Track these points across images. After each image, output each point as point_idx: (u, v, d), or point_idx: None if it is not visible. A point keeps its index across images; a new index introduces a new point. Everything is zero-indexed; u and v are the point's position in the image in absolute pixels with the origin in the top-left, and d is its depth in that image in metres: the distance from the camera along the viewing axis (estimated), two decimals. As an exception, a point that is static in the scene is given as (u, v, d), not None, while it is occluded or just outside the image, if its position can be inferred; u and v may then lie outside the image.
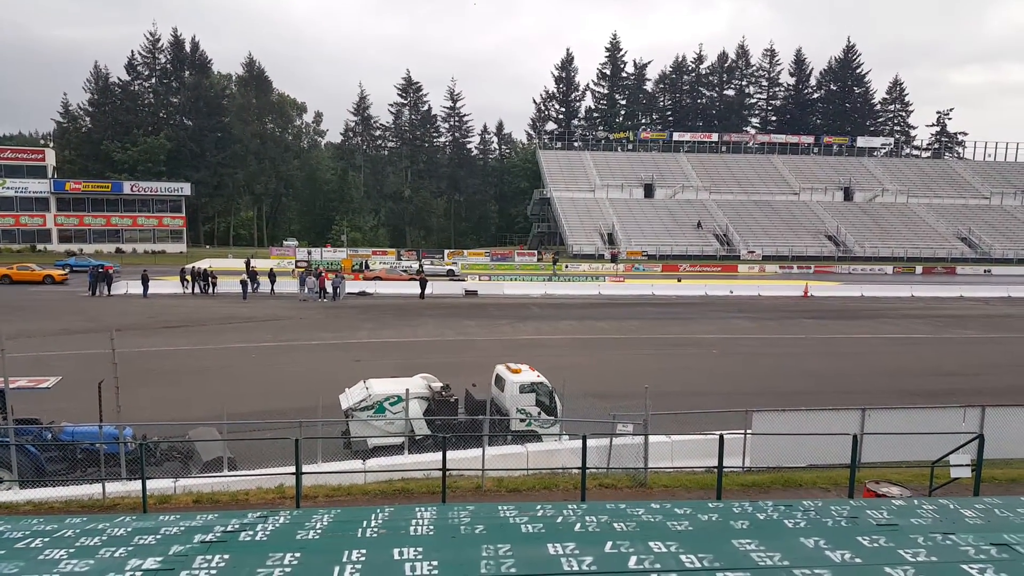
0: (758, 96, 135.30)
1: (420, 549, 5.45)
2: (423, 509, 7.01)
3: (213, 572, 5.08)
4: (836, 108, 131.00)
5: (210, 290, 47.30)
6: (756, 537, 5.71)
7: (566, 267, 74.99)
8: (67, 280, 50.00)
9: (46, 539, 6.04)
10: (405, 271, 60.91)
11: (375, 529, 6.32)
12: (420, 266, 66.33)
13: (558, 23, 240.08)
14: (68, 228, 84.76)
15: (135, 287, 45.89)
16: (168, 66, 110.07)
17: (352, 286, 49.78)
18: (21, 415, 14.56)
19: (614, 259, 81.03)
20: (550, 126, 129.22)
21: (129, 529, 6.40)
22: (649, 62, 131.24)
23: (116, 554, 5.58)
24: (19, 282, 49.47)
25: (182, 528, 6.37)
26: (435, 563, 5.21)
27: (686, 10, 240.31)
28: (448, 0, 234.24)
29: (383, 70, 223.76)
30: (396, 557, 5.34)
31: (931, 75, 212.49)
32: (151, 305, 41.39)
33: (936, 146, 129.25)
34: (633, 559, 5.27)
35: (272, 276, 49.12)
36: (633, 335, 34.62)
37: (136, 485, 12.37)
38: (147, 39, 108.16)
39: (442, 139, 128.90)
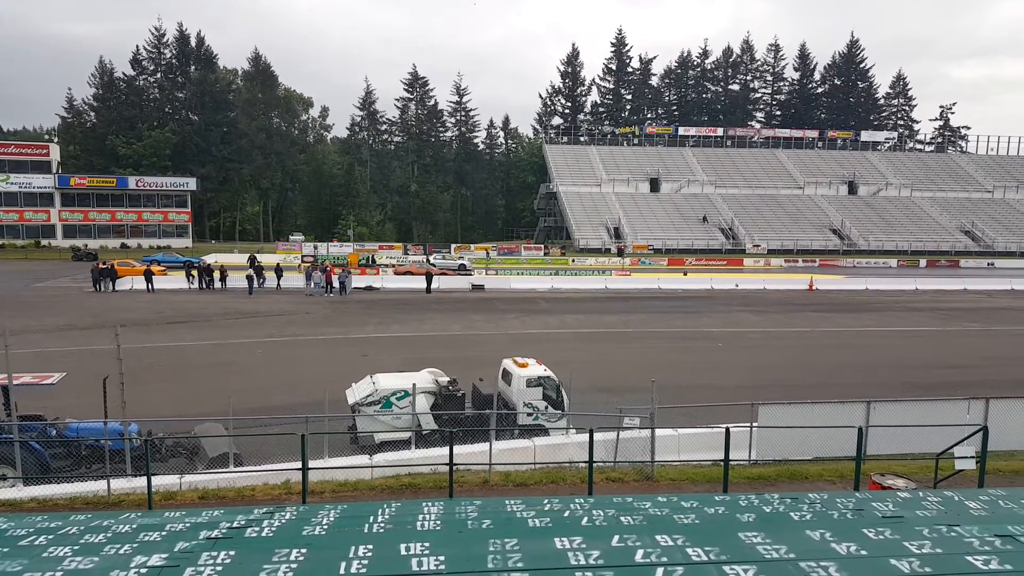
0: (763, 91, 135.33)
1: (427, 544, 5.44)
2: (430, 504, 7.00)
3: (219, 568, 5.07)
4: (840, 102, 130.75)
5: (216, 285, 47.36)
6: (762, 530, 5.69)
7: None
8: (165, 273, 51.00)
9: (50, 536, 6.03)
10: (433, 265, 60.61)
11: (382, 524, 6.30)
12: (428, 259, 65.53)
13: (562, 18, 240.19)
14: (73, 223, 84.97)
15: (139, 282, 46.06)
16: (174, 61, 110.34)
17: (359, 281, 49.78)
18: (25, 411, 14.52)
19: (620, 253, 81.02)
20: (556, 121, 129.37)
21: (134, 526, 6.38)
22: (654, 57, 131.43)
23: (121, 551, 5.57)
24: (120, 276, 49.39)
25: (187, 524, 6.36)
26: (442, 558, 5.20)
27: (690, 5, 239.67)
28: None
29: (389, 65, 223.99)
30: (403, 552, 5.33)
31: (931, 70, 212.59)
32: (156, 300, 41.49)
33: (939, 140, 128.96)
34: (640, 552, 5.26)
35: (279, 271, 49.08)
36: (639, 329, 34.59)
37: (141, 482, 12.40)
38: (152, 34, 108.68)
39: (448, 134, 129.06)
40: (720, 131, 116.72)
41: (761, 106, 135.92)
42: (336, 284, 46.27)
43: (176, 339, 29.37)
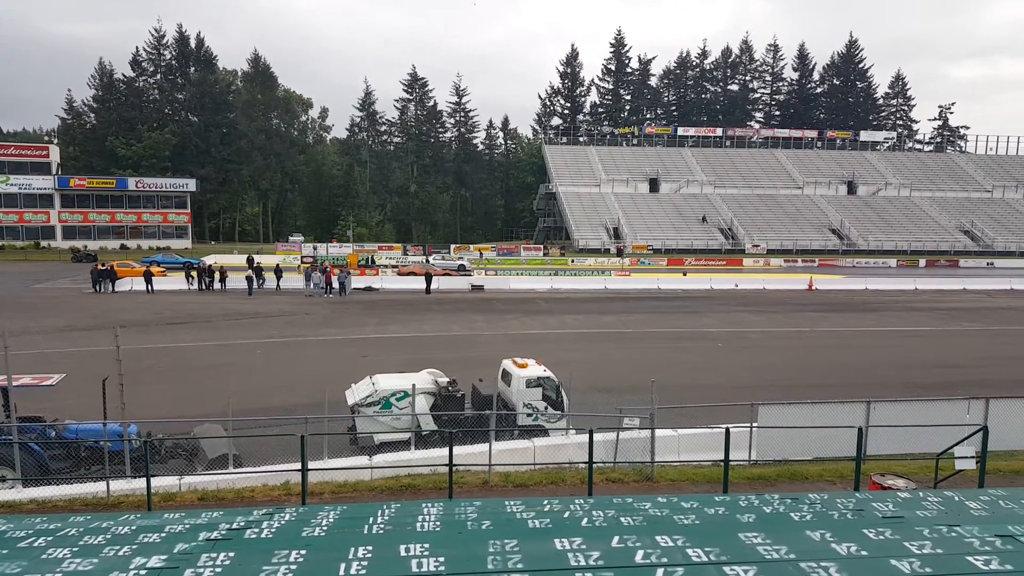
0: (762, 91, 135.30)
1: (427, 545, 5.44)
2: (430, 505, 6.99)
3: (218, 570, 5.06)
4: (839, 102, 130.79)
5: (215, 286, 47.33)
6: (762, 530, 5.68)
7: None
8: (165, 274, 51.26)
9: (49, 538, 6.02)
10: (433, 265, 60.62)
11: (381, 525, 6.29)
12: (428, 260, 65.48)
13: (562, 18, 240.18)
14: (72, 225, 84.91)
15: (139, 283, 46.04)
16: (173, 62, 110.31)
17: (358, 281, 49.75)
18: (25, 413, 14.50)
19: (620, 253, 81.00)
20: (555, 121, 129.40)
21: (133, 527, 6.38)
22: (654, 57, 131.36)
23: (120, 552, 5.56)
24: (119, 277, 49.35)
25: (187, 526, 6.35)
26: (442, 559, 5.19)
27: (690, 5, 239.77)
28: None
29: (388, 65, 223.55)
30: (403, 553, 5.32)
31: (929, 70, 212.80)
32: (156, 301, 41.45)
33: (938, 140, 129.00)
34: (640, 553, 5.25)
35: (278, 272, 49.02)
36: (639, 329, 34.58)
37: (140, 483, 12.38)
38: (152, 35, 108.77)
39: (448, 134, 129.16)
40: (719, 131, 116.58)
41: (760, 106, 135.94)
42: (336, 285, 46.26)
43: (176, 340, 29.35)
